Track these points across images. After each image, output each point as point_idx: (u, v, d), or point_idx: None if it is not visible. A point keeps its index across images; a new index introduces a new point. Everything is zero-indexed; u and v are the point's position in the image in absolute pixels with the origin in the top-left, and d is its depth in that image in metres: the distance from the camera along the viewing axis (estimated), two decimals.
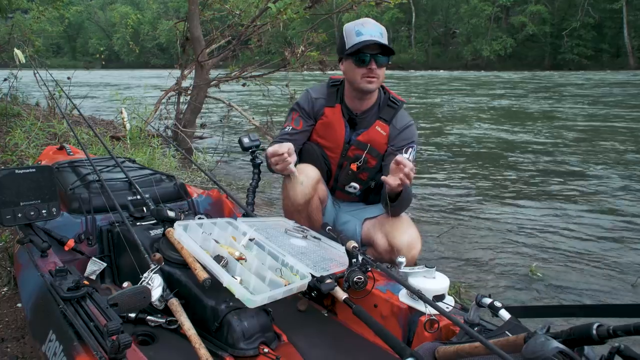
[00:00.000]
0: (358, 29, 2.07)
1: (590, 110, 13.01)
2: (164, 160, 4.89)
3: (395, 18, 54.53)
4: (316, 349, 1.64)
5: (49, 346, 1.34)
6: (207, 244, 1.73)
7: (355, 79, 2.11)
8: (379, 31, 2.07)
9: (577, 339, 0.87)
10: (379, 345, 1.61)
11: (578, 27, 47.43)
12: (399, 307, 1.63)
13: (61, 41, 65.84)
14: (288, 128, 2.26)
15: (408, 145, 2.20)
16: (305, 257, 1.82)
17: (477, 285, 2.91)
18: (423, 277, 1.60)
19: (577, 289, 2.94)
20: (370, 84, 2.10)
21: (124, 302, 1.29)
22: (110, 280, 2.03)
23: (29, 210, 1.72)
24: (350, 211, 2.40)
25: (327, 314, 1.88)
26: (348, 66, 2.13)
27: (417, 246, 2.10)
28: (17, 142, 4.46)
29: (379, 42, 2.03)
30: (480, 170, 6.31)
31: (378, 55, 2.06)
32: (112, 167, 2.40)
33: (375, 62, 2.06)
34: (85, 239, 2.01)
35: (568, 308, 1.12)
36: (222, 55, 6.56)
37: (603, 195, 5.04)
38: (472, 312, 1.40)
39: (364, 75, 2.08)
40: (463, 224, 4.09)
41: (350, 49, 2.06)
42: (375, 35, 2.04)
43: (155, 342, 1.60)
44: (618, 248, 3.60)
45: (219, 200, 2.53)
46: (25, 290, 1.65)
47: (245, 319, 1.53)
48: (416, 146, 2.24)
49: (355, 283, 1.65)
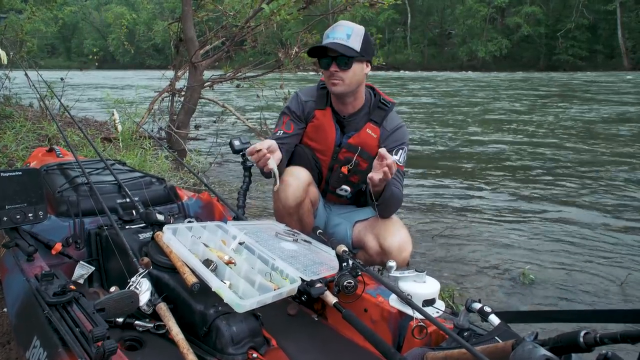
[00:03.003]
0: (328, 32, 2.08)
1: (585, 112, 13.06)
2: (156, 163, 4.85)
3: (391, 19, 54.71)
4: (306, 353, 1.62)
5: (33, 352, 1.32)
6: (196, 248, 1.71)
7: (326, 82, 2.14)
8: (346, 33, 2.04)
9: (565, 346, 0.86)
10: (369, 349, 1.60)
11: (573, 28, 47.76)
12: (389, 312, 1.62)
13: (56, 42, 65.62)
14: (279, 132, 2.25)
15: (398, 146, 2.19)
16: (296, 260, 1.80)
17: (470, 288, 2.91)
18: (413, 282, 1.59)
19: (568, 291, 2.94)
20: (334, 86, 2.09)
21: (111, 306, 1.27)
22: (98, 284, 2.01)
23: (14, 214, 1.69)
24: (342, 214, 2.39)
25: (317, 319, 1.86)
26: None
27: (408, 248, 2.09)
28: (6, 144, 4.42)
29: (335, 45, 2.00)
30: (473, 172, 6.31)
31: (339, 58, 2.03)
32: (102, 170, 2.38)
33: (337, 65, 2.05)
34: (73, 243, 1.99)
35: (557, 313, 1.11)
36: (216, 57, 6.54)
37: (595, 197, 5.05)
38: (461, 317, 1.39)
39: (329, 77, 2.09)
40: (456, 226, 4.08)
41: (314, 53, 2.10)
42: (339, 38, 2.03)
43: (143, 347, 1.58)
44: (608, 251, 3.61)
45: (209, 203, 2.51)
46: (11, 295, 1.63)
47: (234, 323, 1.52)
48: (407, 148, 2.23)
49: (346, 287, 1.63)
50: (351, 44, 2.03)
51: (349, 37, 2.04)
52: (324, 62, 2.08)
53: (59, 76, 6.34)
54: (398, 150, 2.18)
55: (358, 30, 2.07)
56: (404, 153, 2.20)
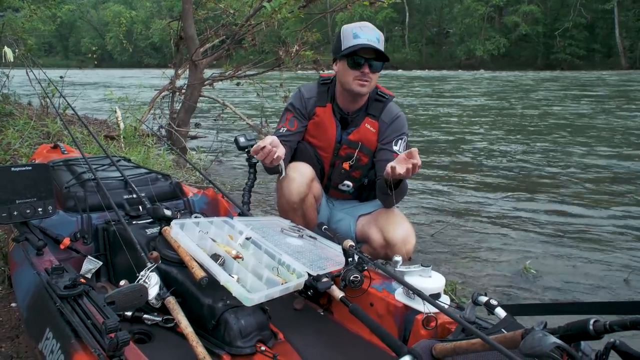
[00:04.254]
0: (356, 31, 2.08)
1: (583, 109, 13.09)
2: (159, 160, 4.87)
3: (389, 18, 54.64)
4: (313, 347, 1.64)
5: (46, 344, 1.34)
6: (204, 243, 1.73)
7: (348, 81, 2.13)
8: (376, 36, 2.08)
9: (574, 334, 0.89)
10: (376, 343, 1.61)
11: (570, 27, 47.79)
12: (395, 306, 1.64)
13: (53, 40, 65.37)
14: (283, 129, 2.26)
15: (398, 137, 2.21)
16: (302, 256, 1.82)
17: (473, 283, 2.93)
18: (419, 276, 1.61)
19: (571, 285, 2.97)
20: (362, 87, 2.11)
21: (121, 300, 1.28)
22: (105, 279, 2.02)
23: (24, 208, 1.71)
24: (344, 209, 2.41)
25: (323, 313, 1.88)
26: (342, 67, 2.14)
27: (412, 240, 2.12)
28: (9, 142, 4.43)
29: (374, 47, 2.04)
30: (474, 169, 6.34)
31: (372, 60, 2.07)
32: (108, 166, 2.39)
33: (369, 67, 2.08)
34: (80, 238, 2.00)
35: (564, 306, 1.13)
36: (216, 55, 6.54)
37: (596, 192, 5.09)
38: (468, 310, 1.41)
39: (356, 77, 2.10)
40: (458, 222, 4.11)
41: (346, 51, 2.07)
42: (372, 40, 2.05)
43: (152, 341, 1.60)
44: (610, 245, 3.64)
45: (214, 199, 2.52)
46: (21, 288, 1.64)
47: (242, 317, 1.53)
48: (407, 137, 2.25)
49: (352, 282, 1.66)
50: (381, 47, 2.07)
51: (379, 40, 2.08)
52: (357, 61, 2.08)
53: (58, 74, 6.34)
54: (398, 141, 2.20)
55: (381, 35, 2.12)
56: (404, 143, 2.22)
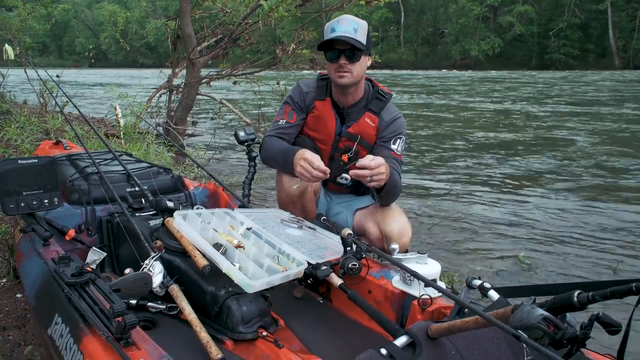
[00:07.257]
0: (333, 25, 2.13)
1: (578, 108, 13.19)
2: (158, 156, 4.92)
3: (385, 18, 54.77)
4: (313, 333, 1.69)
5: (55, 329, 1.38)
6: (206, 233, 1.77)
7: (330, 74, 2.19)
8: (353, 27, 2.11)
9: (560, 306, 0.94)
10: (373, 329, 1.67)
11: (564, 28, 48.03)
12: (393, 292, 1.69)
13: (47, 40, 65.09)
14: (282, 121, 2.30)
15: (396, 136, 2.26)
16: (301, 245, 1.87)
17: (467, 274, 2.99)
18: (415, 263, 1.66)
19: (562, 275, 3.05)
20: (341, 79, 2.15)
21: (126, 287, 1.32)
22: (110, 270, 2.07)
23: (31, 200, 1.75)
24: (342, 202, 2.46)
25: (322, 301, 1.93)
26: (326, 62, 2.21)
27: (408, 233, 2.17)
28: (11, 137, 4.47)
29: (345, 37, 2.07)
30: (469, 163, 6.41)
31: (348, 51, 2.11)
32: (110, 160, 2.43)
33: (346, 58, 2.12)
34: (85, 229, 2.04)
35: (554, 287, 1.19)
36: (214, 53, 6.59)
37: (586, 185, 5.18)
38: (462, 294, 1.46)
39: (335, 70, 2.15)
40: (453, 215, 4.17)
41: (322, 45, 2.14)
42: (348, 31, 2.09)
43: (156, 328, 1.64)
44: (600, 236, 3.72)
45: (215, 192, 2.57)
46: (28, 278, 1.68)
47: (244, 303, 1.58)
48: (404, 137, 2.30)
49: (350, 269, 1.71)
50: (358, 37, 2.10)
51: (356, 30, 2.11)
52: (331, 54, 2.13)
53: (53, 74, 6.35)
54: (396, 140, 2.25)
55: (363, 25, 2.14)
56: (402, 142, 2.27)
